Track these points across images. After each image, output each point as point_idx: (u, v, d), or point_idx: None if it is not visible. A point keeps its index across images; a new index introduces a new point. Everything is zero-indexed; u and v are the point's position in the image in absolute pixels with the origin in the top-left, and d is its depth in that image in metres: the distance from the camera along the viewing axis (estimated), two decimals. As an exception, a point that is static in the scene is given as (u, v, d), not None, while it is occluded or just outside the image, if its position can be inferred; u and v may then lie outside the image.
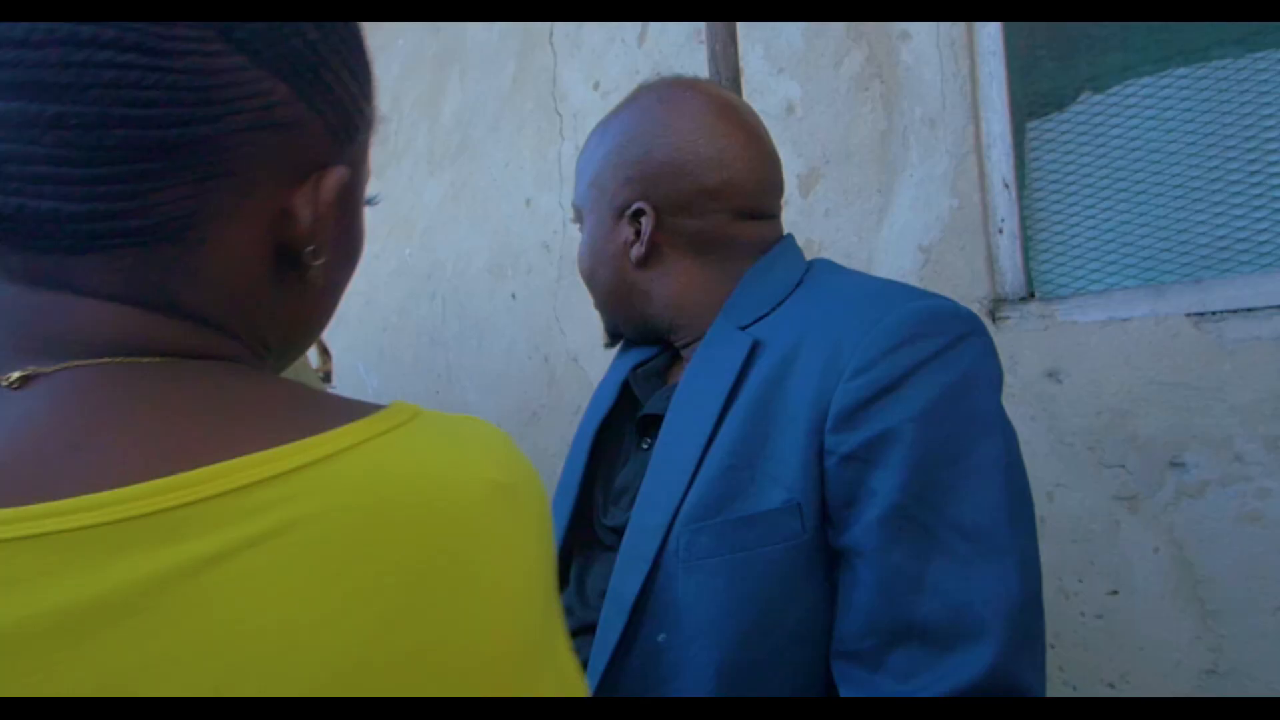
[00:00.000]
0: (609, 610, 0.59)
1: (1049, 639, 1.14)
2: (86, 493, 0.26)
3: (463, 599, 0.28)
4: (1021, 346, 1.19)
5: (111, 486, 0.26)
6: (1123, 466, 1.09)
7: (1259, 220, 1.07)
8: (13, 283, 0.31)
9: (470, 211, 2.16)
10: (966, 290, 1.25)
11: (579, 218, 0.76)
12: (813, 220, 1.44)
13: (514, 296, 2.02)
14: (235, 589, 0.25)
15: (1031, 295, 1.24)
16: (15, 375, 0.29)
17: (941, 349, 0.56)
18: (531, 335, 1.97)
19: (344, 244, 0.39)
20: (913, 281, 1.30)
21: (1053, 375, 1.16)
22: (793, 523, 0.55)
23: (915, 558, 0.52)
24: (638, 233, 0.69)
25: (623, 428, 0.74)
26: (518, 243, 2.01)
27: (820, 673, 0.55)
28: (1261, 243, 1.07)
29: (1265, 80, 1.08)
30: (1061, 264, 1.23)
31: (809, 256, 0.71)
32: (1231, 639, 1.00)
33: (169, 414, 0.29)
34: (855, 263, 1.36)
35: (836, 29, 1.43)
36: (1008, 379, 1.21)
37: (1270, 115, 1.07)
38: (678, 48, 1.68)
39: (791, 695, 0.55)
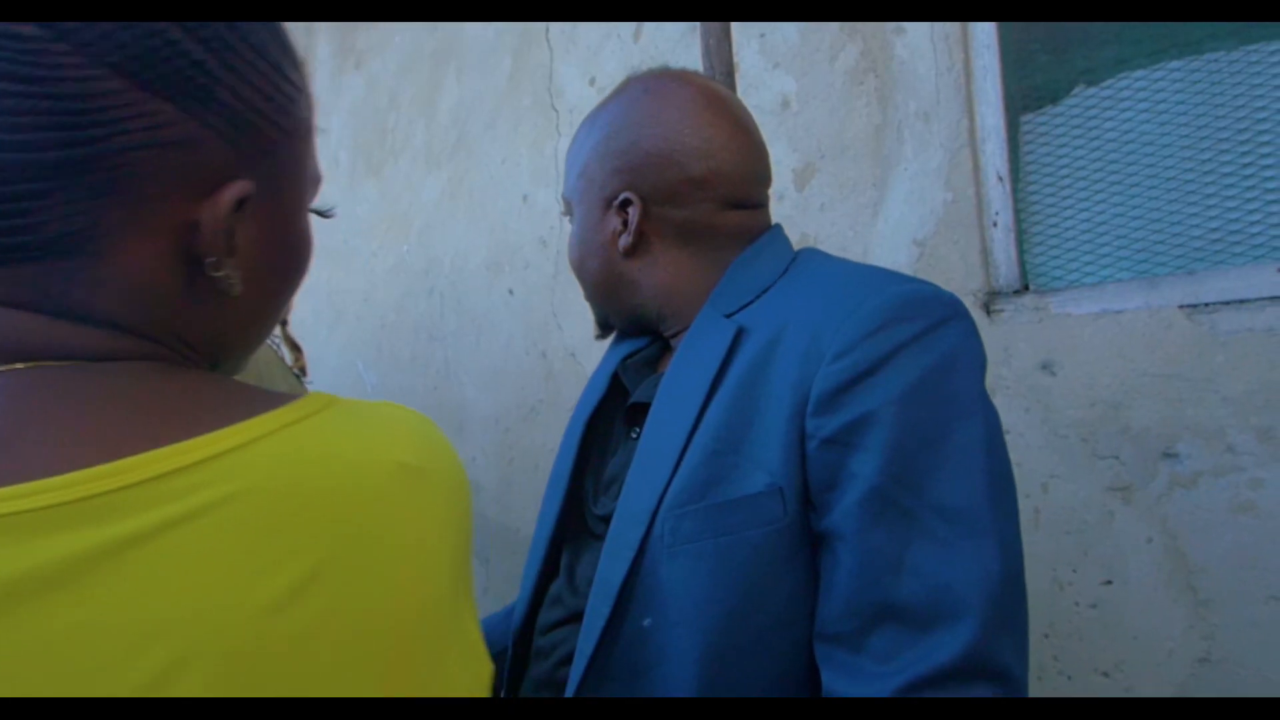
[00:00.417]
0: (596, 596, 0.60)
1: (1043, 629, 1.14)
2: (13, 484, 0.28)
3: (367, 570, 0.31)
4: (1015, 339, 1.19)
5: (37, 479, 0.28)
6: (1116, 458, 1.10)
7: (1251, 213, 1.08)
8: None
9: (468, 208, 2.16)
10: (960, 283, 1.25)
11: (569, 210, 0.76)
12: (808, 214, 1.44)
13: (511, 292, 2.03)
14: (158, 564, 0.28)
15: (1026, 288, 1.24)
16: None
17: (921, 332, 0.56)
18: (529, 331, 1.97)
19: (268, 254, 0.40)
20: (910, 275, 1.31)
21: (1046, 367, 1.16)
22: (774, 506, 0.55)
23: (895, 540, 0.52)
24: (625, 223, 0.69)
25: (613, 418, 0.74)
26: (515, 239, 2.01)
27: (804, 656, 0.55)
28: (1254, 234, 1.07)
29: (1258, 73, 1.08)
30: (1055, 257, 1.24)
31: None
32: (1224, 628, 1.01)
33: (87, 412, 0.31)
34: (850, 256, 1.37)
35: (831, 23, 1.43)
36: (1002, 371, 1.22)
37: (1263, 108, 1.08)
38: (673, 43, 1.68)
39: (776, 679, 0.55)
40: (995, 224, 1.26)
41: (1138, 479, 1.08)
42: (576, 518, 0.72)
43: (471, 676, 0.35)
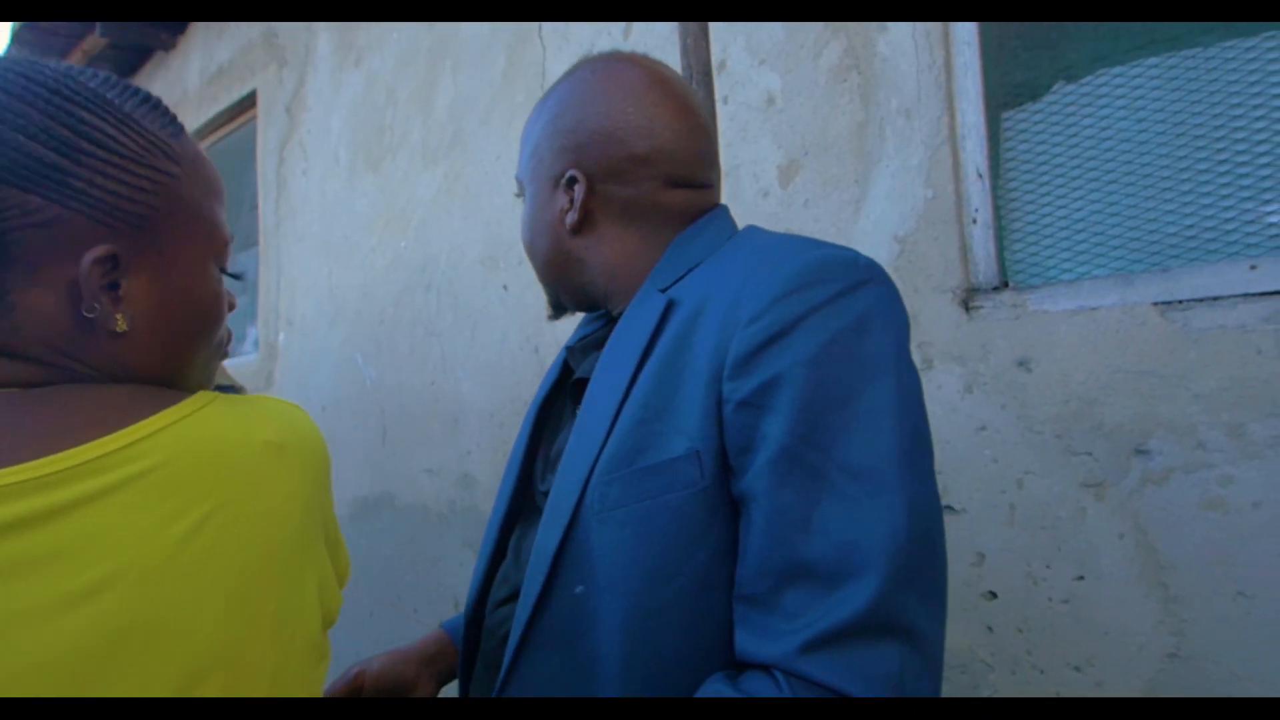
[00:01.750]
0: (533, 565, 0.62)
1: (1018, 623, 1.15)
2: None
3: (242, 514, 0.45)
4: (993, 336, 1.20)
5: None
6: (1090, 454, 1.10)
7: (1226, 209, 1.08)
8: None
9: (463, 204, 2.18)
10: (940, 280, 1.26)
11: (521, 190, 0.78)
12: (792, 210, 1.45)
13: (505, 288, 2.05)
14: (96, 515, 0.41)
15: (1005, 285, 1.25)
16: None
17: (835, 295, 0.56)
18: (523, 326, 1.99)
19: (162, 302, 0.51)
20: (889, 271, 1.31)
21: (1023, 364, 1.17)
22: (691, 470, 0.56)
23: (803, 499, 0.52)
24: (572, 200, 0.71)
25: (564, 399, 0.76)
26: (509, 235, 2.03)
27: (725, 618, 0.55)
28: (1228, 231, 1.07)
29: (1234, 69, 1.08)
30: (1034, 253, 1.24)
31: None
32: (1193, 624, 1.01)
33: (26, 424, 0.44)
34: (833, 253, 1.38)
35: (815, 21, 1.43)
36: (979, 368, 1.23)
37: (1238, 105, 1.07)
38: (662, 40, 1.69)
39: (698, 641, 0.56)
40: (975, 221, 1.27)
41: (1110, 475, 1.08)
42: (527, 498, 0.74)
43: (330, 596, 0.53)
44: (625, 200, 0.70)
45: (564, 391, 0.76)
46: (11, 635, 0.38)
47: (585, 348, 0.74)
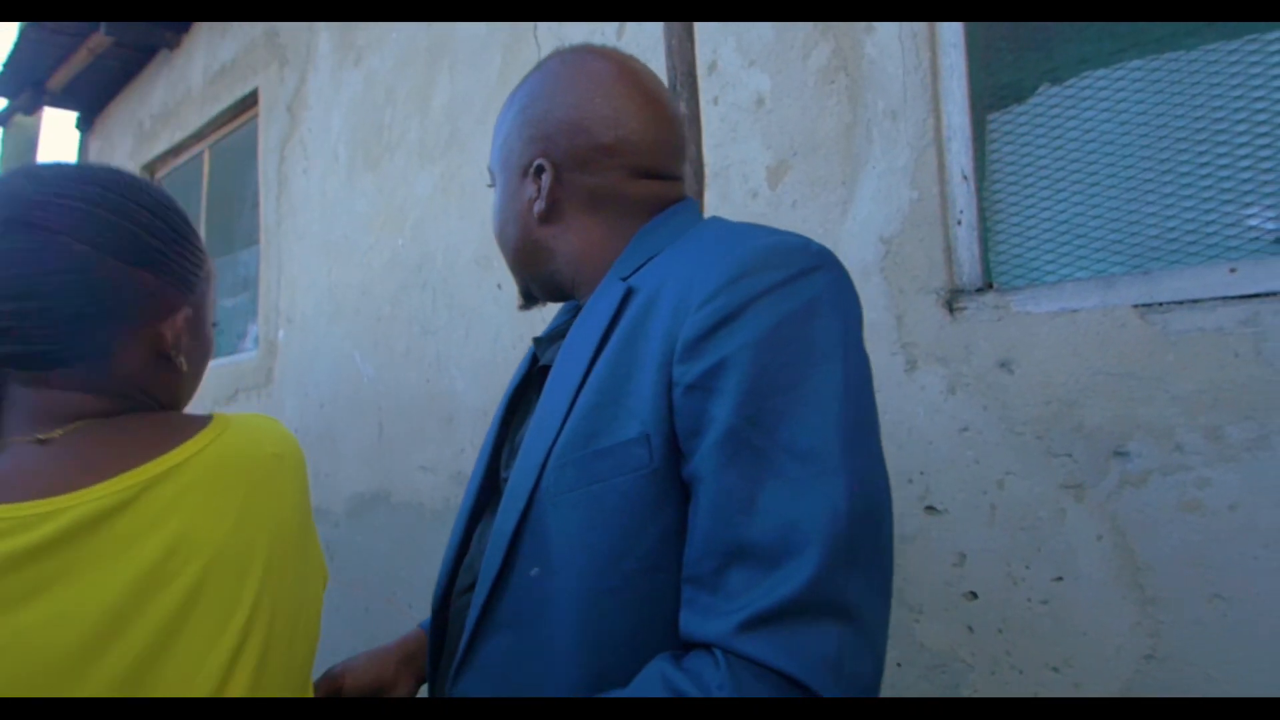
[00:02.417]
0: (491, 548, 0.63)
1: (997, 624, 1.16)
2: (95, 483, 0.56)
3: (262, 510, 0.61)
4: (976, 337, 1.20)
5: (109, 478, 0.57)
6: (1069, 455, 1.11)
7: (1207, 212, 1.08)
8: (24, 386, 0.61)
9: (459, 203, 2.19)
10: (925, 281, 1.26)
11: (493, 180, 0.79)
12: (780, 211, 1.46)
13: (500, 287, 2.06)
14: (169, 512, 0.57)
15: (989, 286, 1.25)
16: (42, 435, 0.59)
17: (784, 280, 0.57)
18: (516, 325, 2.00)
19: (197, 346, 0.70)
20: (873, 272, 1.32)
21: (1005, 365, 1.17)
22: (641, 453, 0.57)
23: (748, 480, 0.53)
24: (539, 189, 0.72)
25: (533, 389, 0.77)
26: (503, 234, 2.04)
27: (674, 599, 0.56)
28: (1209, 234, 1.08)
29: (1216, 72, 1.08)
30: (1018, 255, 1.24)
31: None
32: (1170, 626, 1.02)
33: (115, 444, 0.60)
34: (820, 254, 1.38)
35: (805, 21, 1.44)
36: (962, 369, 1.23)
37: (1220, 107, 1.08)
38: (654, 41, 1.70)
39: (648, 622, 0.57)
40: (960, 222, 1.27)
41: (1089, 477, 1.09)
42: (494, 488, 0.75)
43: (321, 569, 0.69)
44: (591, 189, 0.71)
45: (532, 381, 0.77)
46: (139, 583, 0.56)
47: (551, 337, 0.75)
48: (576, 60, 0.74)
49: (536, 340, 0.77)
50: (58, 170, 0.63)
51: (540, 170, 0.72)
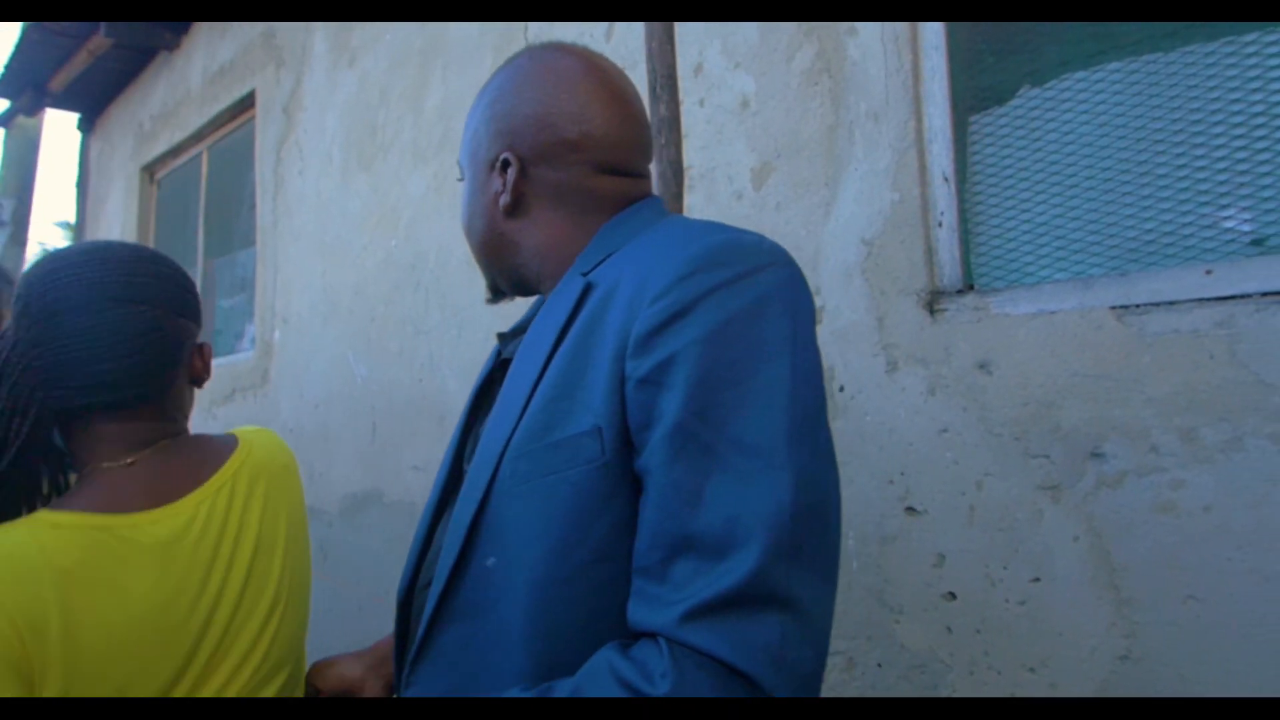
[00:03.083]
0: (449, 538, 0.64)
1: (975, 624, 1.16)
2: (178, 499, 0.79)
3: (278, 504, 0.87)
4: (956, 339, 1.21)
5: (190, 492, 0.80)
6: (1047, 457, 1.11)
7: (1184, 214, 1.08)
8: (110, 423, 0.77)
9: (451, 204, 2.20)
10: (906, 283, 1.27)
11: (462, 175, 0.80)
12: (764, 213, 1.46)
13: (491, 288, 2.07)
14: (241, 512, 0.82)
15: (970, 288, 1.25)
16: (128, 459, 0.77)
17: (735, 277, 0.58)
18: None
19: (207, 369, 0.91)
20: (854, 274, 1.32)
21: (984, 367, 1.18)
22: (593, 446, 0.58)
23: (695, 473, 0.54)
24: (505, 183, 0.73)
25: (497, 383, 0.78)
26: (494, 235, 2.05)
27: (624, 590, 0.57)
28: (1186, 236, 1.08)
29: (1193, 75, 1.08)
30: (998, 257, 1.25)
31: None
32: (1144, 626, 1.02)
33: (188, 461, 0.81)
34: (803, 255, 1.39)
35: (790, 24, 1.44)
36: (941, 370, 1.24)
37: (1197, 109, 1.08)
38: (642, 41, 1.70)
39: (598, 612, 0.58)
40: (940, 224, 1.27)
41: (1066, 478, 1.09)
42: (459, 482, 0.76)
43: (309, 551, 0.93)
44: (556, 184, 0.72)
45: (496, 377, 0.78)
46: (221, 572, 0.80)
47: (515, 332, 0.77)
48: (545, 57, 0.75)
49: (500, 335, 0.78)
50: (113, 251, 0.80)
51: (506, 164, 0.73)
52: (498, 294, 0.83)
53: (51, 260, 0.79)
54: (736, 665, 0.49)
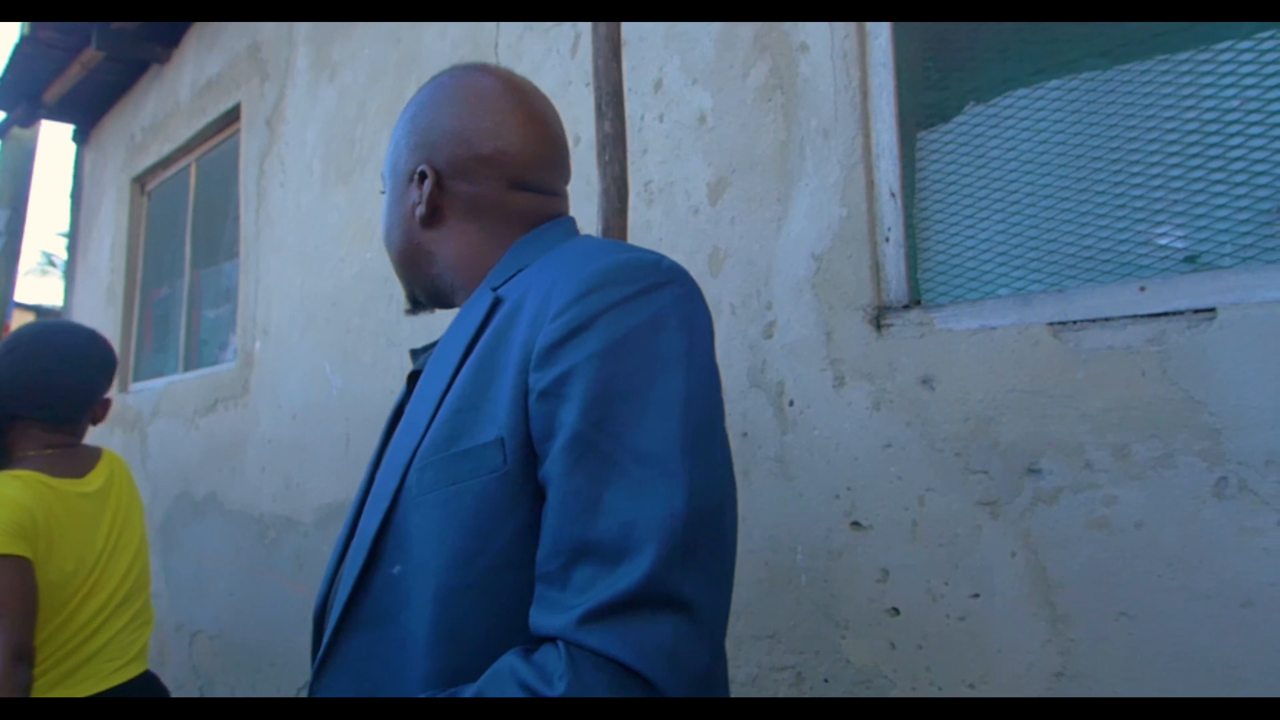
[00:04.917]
0: (355, 546, 0.65)
1: (918, 640, 1.16)
2: (89, 472, 1.50)
3: (133, 486, 1.61)
4: (900, 354, 1.21)
5: (95, 469, 1.52)
6: (986, 472, 1.11)
7: (1120, 231, 1.09)
8: (47, 432, 1.44)
9: (424, 217, 2.21)
10: (853, 298, 1.27)
11: (384, 187, 0.83)
12: (719, 227, 1.47)
13: (460, 300, 2.07)
14: (116, 494, 1.53)
15: (915, 303, 1.26)
16: (49, 451, 1.44)
17: (633, 295, 0.60)
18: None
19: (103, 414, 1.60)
20: (804, 289, 1.33)
21: (926, 382, 1.18)
22: (495, 457, 0.60)
23: (593, 481, 0.56)
24: (422, 195, 0.75)
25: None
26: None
27: (527, 597, 0.58)
28: (1122, 253, 1.08)
29: (1129, 91, 1.09)
30: (944, 272, 1.25)
31: (716, 265, 0.72)
32: (1079, 643, 1.02)
33: (80, 453, 1.51)
34: (756, 270, 1.39)
35: (745, 40, 1.46)
36: (886, 385, 1.24)
37: (1133, 126, 1.09)
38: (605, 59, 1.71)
39: (502, 617, 0.59)
40: (887, 240, 1.28)
41: (1004, 494, 1.09)
42: None
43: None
44: (470, 198, 0.75)
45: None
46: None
47: (428, 346, 0.79)
48: (465, 76, 0.78)
49: (413, 351, 0.79)
50: (72, 328, 1.46)
51: (423, 176, 0.76)
52: (416, 305, 0.85)
53: (31, 328, 1.41)
54: (631, 665, 0.51)
